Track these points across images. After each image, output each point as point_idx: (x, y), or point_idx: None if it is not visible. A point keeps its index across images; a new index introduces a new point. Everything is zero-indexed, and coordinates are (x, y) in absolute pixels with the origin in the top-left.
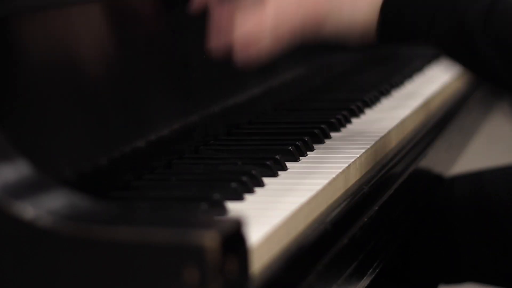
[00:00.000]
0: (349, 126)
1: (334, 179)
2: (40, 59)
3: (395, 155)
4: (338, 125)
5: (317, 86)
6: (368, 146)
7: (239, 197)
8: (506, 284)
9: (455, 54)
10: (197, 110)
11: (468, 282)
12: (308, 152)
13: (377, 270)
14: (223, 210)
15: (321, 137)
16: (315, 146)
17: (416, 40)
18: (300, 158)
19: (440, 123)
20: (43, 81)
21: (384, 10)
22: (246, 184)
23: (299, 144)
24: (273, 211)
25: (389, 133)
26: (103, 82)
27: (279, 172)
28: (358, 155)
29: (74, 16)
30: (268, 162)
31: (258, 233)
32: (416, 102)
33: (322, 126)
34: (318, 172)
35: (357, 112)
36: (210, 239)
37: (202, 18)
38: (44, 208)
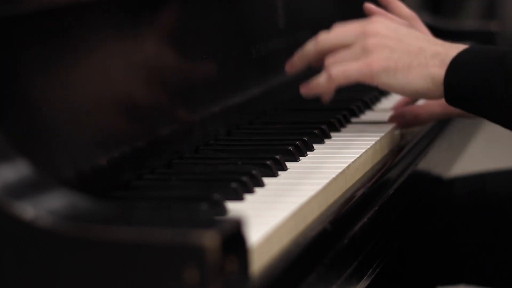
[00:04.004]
0: (349, 126)
1: (334, 179)
2: (40, 58)
3: (395, 155)
4: (338, 125)
5: None
6: (368, 147)
7: (239, 197)
8: (505, 286)
9: None
10: (197, 110)
11: (468, 284)
12: (308, 152)
13: (377, 271)
14: (223, 210)
15: (321, 137)
16: (315, 146)
17: (481, 112)
18: (300, 158)
19: (440, 123)
20: (43, 80)
21: (447, 91)
22: (246, 184)
23: (299, 144)
24: (273, 211)
25: (389, 133)
26: (103, 82)
27: (279, 172)
28: (358, 155)
29: (75, 16)
30: (268, 162)
31: (258, 233)
32: (417, 102)
33: (322, 126)
34: (318, 172)
35: (357, 112)
36: (210, 239)
37: (202, 18)
38: (44, 208)
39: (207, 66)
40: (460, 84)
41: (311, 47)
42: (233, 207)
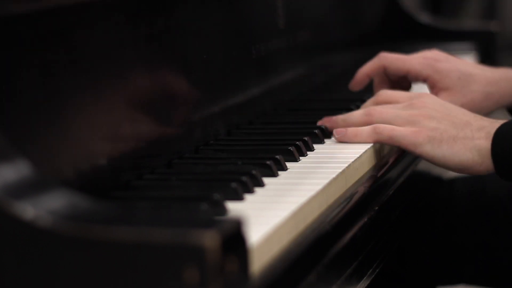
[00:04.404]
0: None
1: (334, 179)
2: (40, 58)
3: (395, 155)
4: None
5: (317, 86)
6: (368, 146)
7: (239, 197)
8: (505, 286)
9: None
10: (197, 110)
11: (468, 284)
12: (308, 152)
13: (377, 271)
14: (223, 210)
15: (321, 137)
16: (315, 146)
17: None
18: (300, 158)
19: None
20: (43, 81)
21: (496, 158)
22: (246, 184)
23: (299, 144)
24: (273, 211)
25: None
26: (103, 81)
27: (279, 172)
28: (358, 155)
29: (75, 16)
30: (268, 162)
31: (258, 233)
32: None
33: (322, 126)
34: (318, 172)
35: None
36: (210, 239)
37: (202, 18)
38: (44, 208)
39: (207, 66)
40: (509, 154)
41: (359, 118)
42: (233, 207)
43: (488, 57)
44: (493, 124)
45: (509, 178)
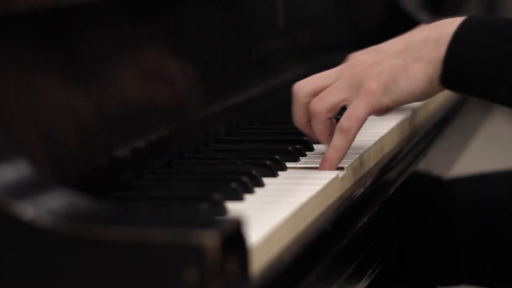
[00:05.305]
0: None
1: (334, 179)
2: (40, 58)
3: (394, 155)
4: None
5: None
6: (368, 147)
7: (239, 197)
8: (505, 286)
9: None
10: (197, 110)
11: (468, 284)
12: (308, 152)
13: (377, 271)
14: (223, 210)
15: None
16: (315, 146)
17: (486, 94)
18: (300, 158)
19: (440, 123)
20: (43, 80)
21: (446, 72)
22: (246, 184)
23: (299, 144)
24: (273, 211)
25: (389, 133)
26: (104, 82)
27: (279, 172)
28: (358, 155)
29: (75, 16)
30: (268, 162)
31: (258, 233)
32: (417, 103)
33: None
34: (318, 172)
35: None
36: (210, 239)
37: (202, 18)
38: (44, 208)
39: (207, 66)
40: (461, 63)
41: (319, 126)
42: (233, 207)
43: None
44: (436, 31)
45: (455, 88)
